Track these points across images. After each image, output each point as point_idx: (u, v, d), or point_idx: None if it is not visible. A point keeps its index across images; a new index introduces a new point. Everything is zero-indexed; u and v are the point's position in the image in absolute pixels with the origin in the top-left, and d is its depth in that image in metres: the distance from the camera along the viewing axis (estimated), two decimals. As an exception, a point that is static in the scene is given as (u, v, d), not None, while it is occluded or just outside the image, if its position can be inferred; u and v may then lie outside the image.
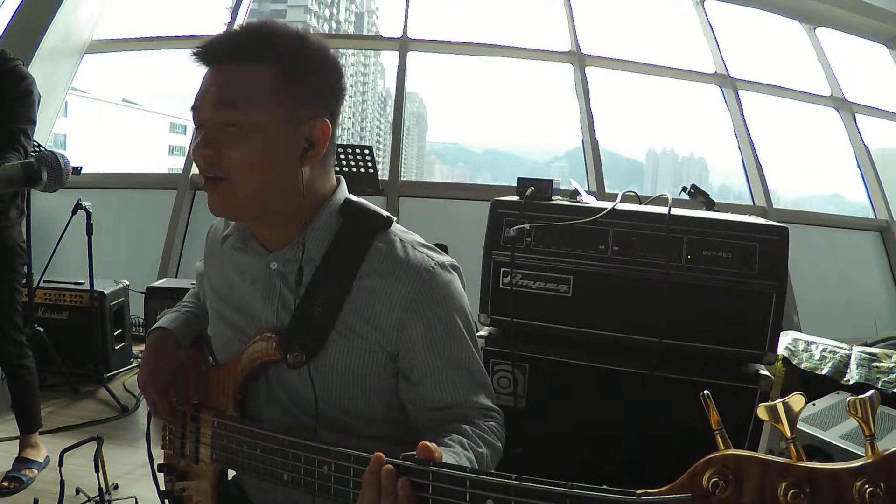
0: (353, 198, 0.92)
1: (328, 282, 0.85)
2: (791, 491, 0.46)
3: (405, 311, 0.83)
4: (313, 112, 0.84)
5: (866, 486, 0.45)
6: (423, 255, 0.87)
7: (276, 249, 0.89)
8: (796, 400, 0.49)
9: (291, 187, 0.84)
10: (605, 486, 0.54)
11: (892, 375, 2.12)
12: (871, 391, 0.47)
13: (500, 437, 0.87)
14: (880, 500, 0.44)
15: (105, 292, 2.98)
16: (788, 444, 0.49)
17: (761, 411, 0.50)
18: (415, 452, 0.64)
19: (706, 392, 0.54)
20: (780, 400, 0.49)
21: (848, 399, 0.48)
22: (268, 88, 0.81)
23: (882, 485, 0.44)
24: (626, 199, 1.57)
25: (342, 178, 0.94)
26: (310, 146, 0.84)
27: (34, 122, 1.95)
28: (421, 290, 0.84)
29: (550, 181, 1.49)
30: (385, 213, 0.91)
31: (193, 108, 0.84)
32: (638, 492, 0.52)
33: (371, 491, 0.64)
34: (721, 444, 0.51)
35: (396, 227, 0.90)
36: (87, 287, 2.91)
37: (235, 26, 0.86)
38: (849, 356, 2.27)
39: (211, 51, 0.83)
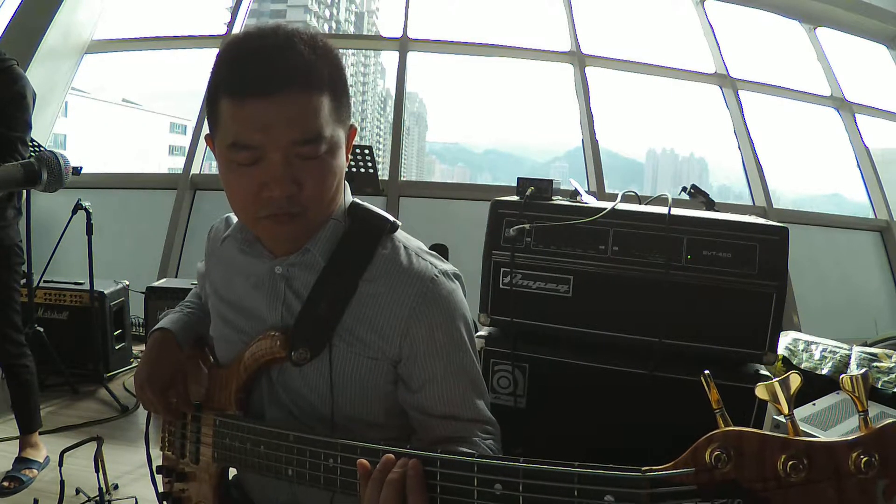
0: (360, 201, 0.92)
1: (334, 283, 0.85)
2: (790, 463, 0.48)
3: (408, 319, 0.83)
4: (350, 124, 0.85)
5: (861, 456, 0.47)
6: (427, 263, 0.87)
7: (281, 253, 0.88)
8: (792, 378, 0.52)
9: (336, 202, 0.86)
10: (611, 465, 0.55)
11: (892, 375, 2.12)
12: (864, 369, 0.48)
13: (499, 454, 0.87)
14: (875, 469, 0.47)
15: (105, 292, 2.99)
16: (786, 421, 0.51)
17: (759, 390, 0.52)
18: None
19: (707, 371, 0.56)
20: (777, 379, 0.52)
21: (842, 376, 0.51)
22: (329, 112, 0.78)
23: (876, 455, 0.47)
24: (626, 199, 1.56)
25: (346, 181, 0.92)
26: None
27: (30, 127, 1.93)
28: (424, 297, 0.84)
29: (550, 181, 1.49)
30: (391, 217, 0.90)
31: (243, 147, 0.76)
32: (643, 468, 0.54)
33: (374, 487, 0.64)
34: (721, 422, 0.53)
35: (400, 233, 0.90)
36: (87, 287, 2.91)
37: (264, 36, 0.77)
38: (849, 356, 2.26)
39: (271, 81, 0.74)
